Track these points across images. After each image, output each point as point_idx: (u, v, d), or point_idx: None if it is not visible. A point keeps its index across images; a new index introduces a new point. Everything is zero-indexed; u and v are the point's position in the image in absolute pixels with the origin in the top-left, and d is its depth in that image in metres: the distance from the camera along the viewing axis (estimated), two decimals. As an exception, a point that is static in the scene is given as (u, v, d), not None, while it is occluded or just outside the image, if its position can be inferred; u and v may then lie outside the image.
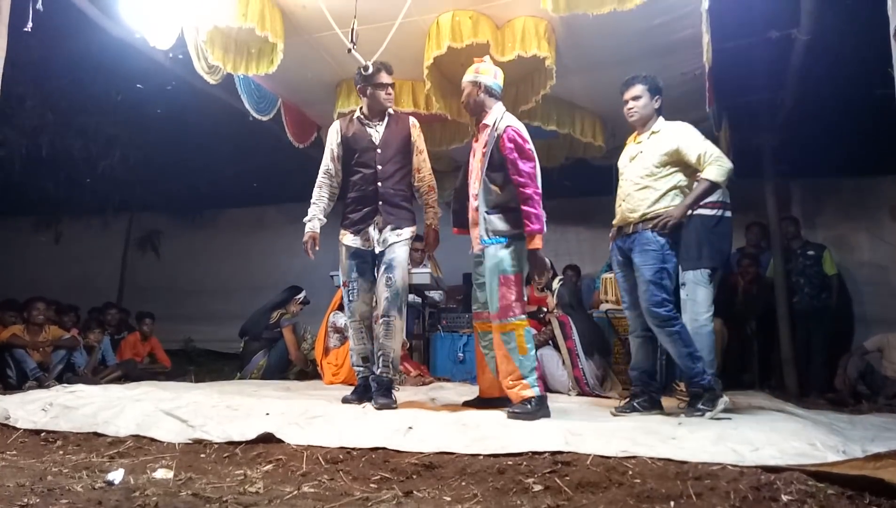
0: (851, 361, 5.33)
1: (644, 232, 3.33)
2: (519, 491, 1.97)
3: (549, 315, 4.87)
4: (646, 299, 3.31)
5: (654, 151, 3.39)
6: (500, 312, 3.18)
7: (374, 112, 3.62)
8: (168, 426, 2.73)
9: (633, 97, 3.48)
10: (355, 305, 3.61)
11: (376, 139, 3.57)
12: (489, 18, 4.24)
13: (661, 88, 3.51)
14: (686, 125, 3.44)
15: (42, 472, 2.19)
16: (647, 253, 3.31)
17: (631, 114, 3.51)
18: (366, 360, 3.63)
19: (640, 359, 3.50)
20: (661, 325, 3.29)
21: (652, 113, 3.49)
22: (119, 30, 4.58)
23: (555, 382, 4.70)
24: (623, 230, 3.48)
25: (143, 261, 9.33)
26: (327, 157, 3.68)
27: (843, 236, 6.78)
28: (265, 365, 5.69)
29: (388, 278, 3.49)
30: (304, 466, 2.25)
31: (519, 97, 4.89)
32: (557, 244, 7.52)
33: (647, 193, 3.37)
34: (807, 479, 1.87)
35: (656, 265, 3.29)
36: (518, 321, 3.19)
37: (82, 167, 7.16)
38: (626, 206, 3.45)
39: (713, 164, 3.28)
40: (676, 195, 3.36)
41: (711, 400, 3.23)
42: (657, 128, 3.46)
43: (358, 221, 3.57)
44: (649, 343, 3.48)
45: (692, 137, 3.37)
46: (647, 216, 3.34)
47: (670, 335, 3.29)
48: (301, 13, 4.29)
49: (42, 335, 5.66)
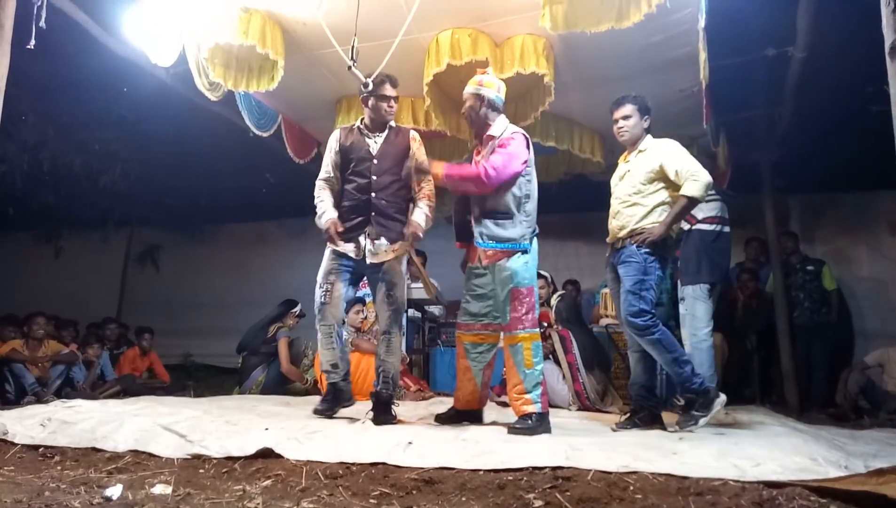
0: (852, 376, 5.31)
1: (629, 246, 3.41)
2: (519, 507, 1.96)
3: (549, 330, 4.87)
4: (624, 308, 3.38)
5: (640, 169, 3.47)
6: (510, 324, 3.20)
7: (375, 124, 3.62)
8: (167, 442, 2.72)
9: (623, 116, 3.55)
10: (328, 309, 3.49)
11: (373, 150, 3.57)
12: (488, 36, 4.28)
13: (649, 108, 3.57)
14: (670, 142, 3.50)
15: (40, 487, 2.17)
16: (629, 265, 3.38)
17: (621, 134, 3.58)
18: (335, 367, 3.55)
19: (638, 374, 3.51)
20: (640, 334, 3.34)
21: (641, 133, 3.55)
22: (121, 47, 4.62)
23: (555, 396, 4.68)
24: (614, 246, 3.55)
25: (143, 276, 9.34)
26: (327, 164, 3.67)
27: (842, 250, 6.80)
28: (264, 380, 5.67)
29: (389, 294, 3.49)
30: (303, 481, 2.23)
31: (518, 114, 4.92)
32: (557, 259, 7.53)
33: (636, 209, 3.44)
34: (809, 494, 1.86)
35: (637, 276, 3.34)
36: (526, 334, 3.19)
37: (83, 183, 7.19)
38: (616, 223, 3.53)
39: (689, 179, 3.33)
40: (664, 211, 3.42)
41: (705, 404, 3.24)
42: (644, 147, 3.52)
43: (349, 229, 3.53)
44: (648, 358, 3.47)
45: (673, 155, 3.42)
46: (635, 232, 3.42)
47: (652, 342, 3.32)
48: (301, 30, 4.33)
49: (41, 349, 5.64)
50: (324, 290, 3.50)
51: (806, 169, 6.35)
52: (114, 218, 8.60)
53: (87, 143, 6.81)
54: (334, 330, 3.53)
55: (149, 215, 8.69)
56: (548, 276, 5.80)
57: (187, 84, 4.67)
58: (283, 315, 5.99)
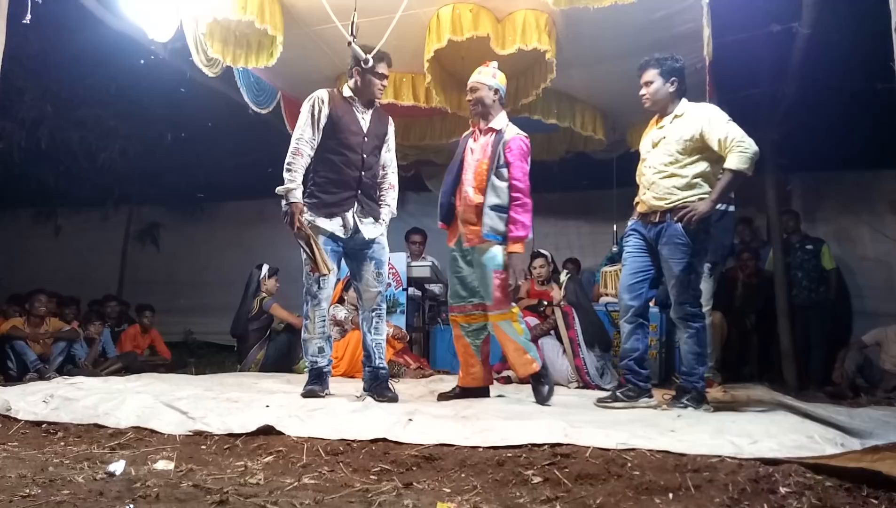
0: (849, 355, 5.34)
1: (673, 225, 3.19)
2: (518, 483, 1.98)
3: (551, 307, 4.88)
4: (675, 293, 3.24)
5: (677, 136, 3.22)
6: (498, 303, 3.39)
7: (363, 98, 3.51)
8: (168, 418, 2.74)
9: (646, 83, 3.33)
10: (324, 294, 3.43)
11: (364, 126, 3.49)
12: (489, 11, 4.23)
13: (678, 68, 3.31)
14: (711, 107, 3.28)
15: (43, 463, 2.19)
16: (676, 247, 3.19)
17: (644, 101, 3.38)
18: (321, 351, 3.49)
19: (629, 347, 3.38)
20: (684, 319, 3.25)
21: (667, 96, 3.30)
22: (118, 22, 4.56)
23: (555, 372, 4.70)
24: (648, 218, 3.33)
25: (143, 253, 9.33)
26: (310, 124, 3.38)
27: (844, 230, 6.79)
28: (263, 358, 5.68)
29: (377, 272, 3.52)
30: (304, 458, 2.25)
31: (519, 90, 4.88)
32: (558, 238, 7.53)
33: (674, 180, 3.21)
34: (805, 471, 1.88)
35: (685, 260, 3.18)
36: (513, 309, 3.45)
37: (82, 160, 7.15)
38: (651, 194, 3.29)
39: (734, 151, 3.06)
40: (704, 182, 3.20)
41: (697, 401, 3.18)
42: (680, 111, 3.27)
43: (332, 204, 3.40)
44: (640, 330, 3.38)
45: (715, 121, 3.16)
46: (677, 207, 3.19)
47: (689, 330, 3.25)
48: (301, 5, 4.28)
49: (43, 327, 5.67)
50: (318, 275, 3.38)
51: (809, 148, 6.31)
52: (113, 196, 8.57)
53: (85, 119, 6.76)
54: (327, 314, 3.50)
55: (148, 193, 8.66)
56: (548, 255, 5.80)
57: (185, 60, 4.63)
58: (258, 286, 5.84)
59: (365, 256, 3.52)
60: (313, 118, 3.40)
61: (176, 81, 5.76)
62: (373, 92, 3.51)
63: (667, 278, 3.29)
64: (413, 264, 5.94)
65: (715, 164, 3.20)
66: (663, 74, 3.29)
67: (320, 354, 3.51)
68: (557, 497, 1.85)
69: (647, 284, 3.39)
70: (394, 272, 5.67)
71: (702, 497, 1.79)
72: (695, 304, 3.26)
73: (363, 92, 3.50)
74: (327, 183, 3.44)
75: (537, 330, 4.86)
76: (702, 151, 3.20)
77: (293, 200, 3.33)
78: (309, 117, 3.40)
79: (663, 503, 1.78)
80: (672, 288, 3.26)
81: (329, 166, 3.43)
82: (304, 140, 3.39)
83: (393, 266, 5.61)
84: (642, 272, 3.36)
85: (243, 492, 1.87)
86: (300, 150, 3.38)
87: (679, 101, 3.32)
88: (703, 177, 3.21)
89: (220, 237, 9.03)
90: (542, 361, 3.52)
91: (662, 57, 3.33)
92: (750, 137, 3.09)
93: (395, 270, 5.72)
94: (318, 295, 3.44)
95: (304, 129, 3.40)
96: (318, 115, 3.40)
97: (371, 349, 3.51)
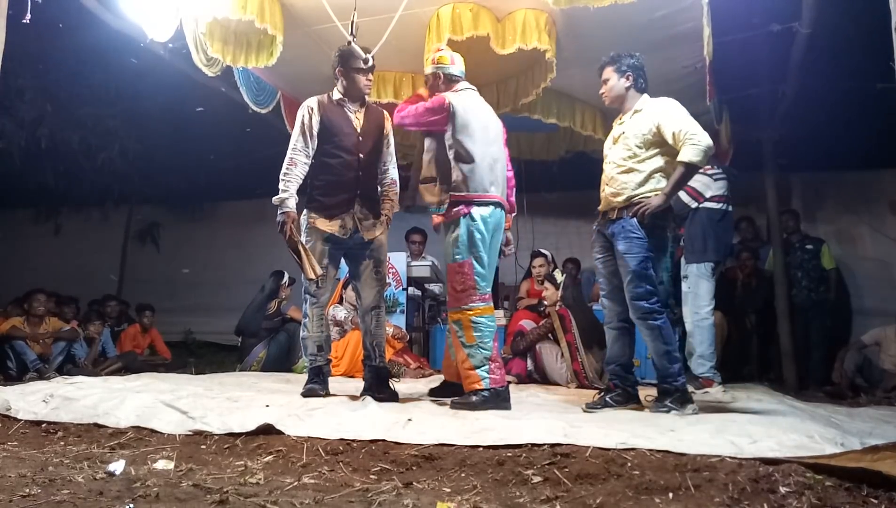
0: (849, 355, 5.35)
1: (628, 219, 3.16)
2: (518, 483, 1.98)
3: (548, 309, 4.88)
4: (630, 289, 3.16)
5: (636, 130, 3.20)
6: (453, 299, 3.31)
7: (352, 97, 3.51)
8: (168, 418, 2.74)
9: (604, 81, 3.35)
10: (323, 293, 3.47)
11: (357, 126, 3.48)
12: (489, 11, 4.22)
13: (633, 64, 3.29)
14: (668, 101, 3.24)
15: (43, 463, 2.20)
16: (630, 241, 3.15)
17: (603, 99, 3.42)
18: (321, 349, 3.52)
19: (615, 352, 3.35)
20: (642, 317, 3.15)
21: (623, 92, 3.31)
22: (117, 21, 4.56)
23: (554, 374, 4.72)
24: (607, 215, 3.31)
25: (143, 253, 9.33)
26: (302, 134, 3.41)
27: (844, 229, 6.79)
28: (265, 357, 5.70)
29: (377, 271, 3.53)
30: (304, 457, 2.25)
31: (519, 90, 4.88)
32: (558, 238, 7.54)
33: (631, 176, 3.19)
34: (805, 471, 1.88)
35: (640, 254, 3.12)
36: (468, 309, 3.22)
37: (81, 160, 7.15)
38: (610, 190, 3.28)
39: (686, 144, 3.04)
40: (662, 178, 3.17)
41: (681, 401, 3.06)
42: (639, 106, 3.26)
43: (332, 206, 3.42)
44: (626, 335, 3.34)
45: (671, 114, 3.15)
46: (633, 201, 3.17)
47: (651, 328, 3.14)
48: (300, 5, 4.27)
49: (42, 326, 5.67)
50: (319, 276, 3.37)
51: (809, 147, 6.31)
52: (113, 196, 8.56)
53: (85, 119, 6.76)
54: (325, 314, 3.55)
55: (148, 193, 8.66)
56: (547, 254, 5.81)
57: (185, 60, 4.62)
58: (276, 290, 5.99)
59: (363, 255, 3.52)
60: (304, 127, 3.43)
61: (176, 81, 5.76)
62: (359, 88, 3.48)
63: (622, 275, 3.20)
64: (413, 264, 5.95)
65: (673, 159, 3.16)
66: (618, 71, 3.30)
67: (319, 353, 3.53)
68: (557, 496, 1.85)
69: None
70: (394, 272, 5.67)
71: (702, 497, 1.79)
72: (649, 299, 3.13)
73: (351, 91, 3.50)
74: (326, 186, 3.45)
75: (533, 335, 4.87)
76: (660, 146, 3.18)
77: (286, 209, 3.34)
78: (300, 127, 3.44)
79: (663, 502, 1.78)
80: (627, 284, 3.17)
81: (327, 170, 3.45)
82: (297, 150, 3.42)
83: (393, 266, 5.62)
84: (617, 276, 3.29)
85: (243, 492, 1.87)
86: (294, 160, 3.41)
87: (639, 97, 3.31)
88: (660, 172, 3.18)
89: (220, 237, 9.04)
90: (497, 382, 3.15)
91: (617, 55, 3.34)
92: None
93: (395, 269, 5.72)
94: (316, 294, 3.48)
95: (297, 139, 3.43)
96: (308, 122, 3.43)
97: (370, 348, 3.52)
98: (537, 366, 4.84)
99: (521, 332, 4.97)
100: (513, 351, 4.94)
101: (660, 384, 3.20)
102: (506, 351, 5.04)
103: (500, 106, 5.03)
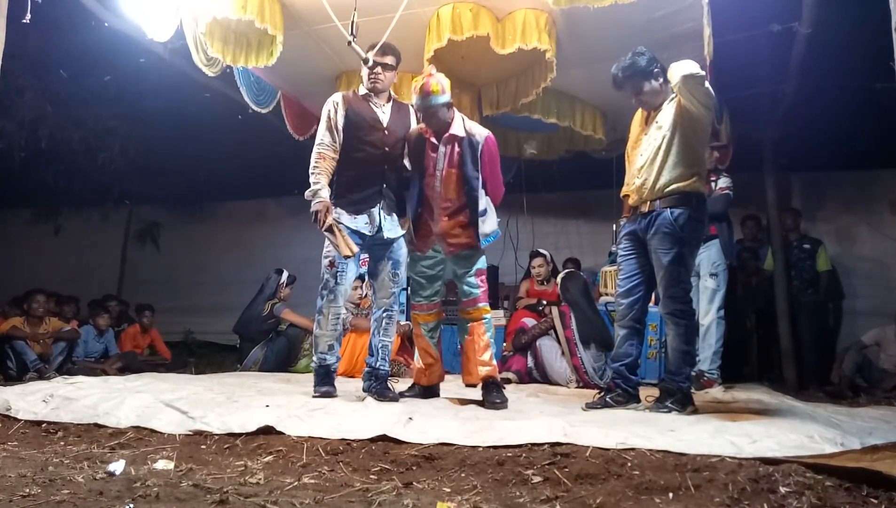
0: (848, 355, 5.35)
1: (663, 212, 3.09)
2: (518, 483, 1.98)
3: (548, 307, 4.88)
4: (663, 286, 3.13)
5: (668, 118, 3.14)
6: (483, 296, 3.48)
7: (376, 92, 3.48)
8: (168, 418, 2.74)
9: (636, 92, 3.25)
10: (341, 290, 3.39)
11: (384, 120, 3.46)
12: (489, 11, 4.22)
13: (649, 59, 3.19)
14: None
15: (43, 463, 2.20)
16: (665, 236, 3.08)
17: (645, 108, 3.33)
18: (331, 349, 3.45)
19: (623, 352, 3.30)
20: (673, 314, 3.13)
21: (660, 88, 3.21)
22: (117, 21, 4.56)
23: (554, 373, 4.71)
24: (639, 209, 3.23)
25: (143, 253, 9.33)
26: (327, 129, 3.39)
27: (843, 229, 6.78)
28: (263, 358, 5.68)
29: (394, 273, 3.51)
30: (304, 457, 2.25)
31: (519, 90, 4.88)
32: (558, 238, 7.53)
33: (664, 165, 3.12)
34: (805, 471, 1.88)
35: (675, 250, 3.07)
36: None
37: (81, 160, 7.14)
38: (639, 182, 3.20)
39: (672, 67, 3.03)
40: (693, 164, 3.11)
41: (682, 402, 3.06)
42: (671, 95, 3.19)
43: (358, 201, 3.39)
44: (636, 336, 3.30)
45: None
46: (666, 193, 3.10)
47: (678, 326, 3.12)
48: (300, 5, 4.27)
49: (42, 326, 5.67)
50: (339, 270, 3.35)
51: (809, 147, 6.31)
52: (113, 196, 8.56)
53: (85, 119, 6.75)
54: (342, 312, 3.48)
55: (148, 193, 8.65)
56: (547, 254, 5.80)
57: (185, 60, 4.62)
58: (275, 291, 5.92)
59: (384, 255, 3.51)
60: (330, 122, 3.41)
61: (176, 81, 5.76)
62: (372, 83, 3.45)
63: (656, 271, 3.16)
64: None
65: (704, 148, 3.14)
66: (647, 76, 3.21)
67: (330, 351, 3.46)
68: (557, 496, 1.86)
69: (643, 286, 3.28)
70: (394, 272, 5.66)
71: (702, 497, 1.80)
72: (685, 299, 3.13)
73: (367, 87, 3.48)
74: (352, 181, 3.42)
75: (535, 330, 4.87)
76: (692, 132, 3.11)
77: (320, 198, 3.30)
78: (326, 122, 3.42)
79: (663, 502, 1.79)
80: (661, 280, 3.13)
81: (353, 165, 3.42)
82: (324, 145, 3.40)
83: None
84: (637, 275, 3.27)
85: (243, 492, 1.87)
86: (323, 154, 3.39)
87: (667, 86, 3.20)
88: (694, 161, 3.12)
89: (220, 237, 9.03)
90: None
91: (634, 63, 3.21)
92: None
93: (396, 269, 5.71)
94: (335, 290, 3.39)
95: (324, 135, 3.42)
96: (334, 117, 3.41)
97: (377, 349, 3.50)
98: (538, 363, 4.83)
99: (523, 328, 4.97)
100: (514, 347, 4.94)
101: (665, 382, 3.20)
102: (507, 348, 5.05)
103: (500, 106, 5.03)
